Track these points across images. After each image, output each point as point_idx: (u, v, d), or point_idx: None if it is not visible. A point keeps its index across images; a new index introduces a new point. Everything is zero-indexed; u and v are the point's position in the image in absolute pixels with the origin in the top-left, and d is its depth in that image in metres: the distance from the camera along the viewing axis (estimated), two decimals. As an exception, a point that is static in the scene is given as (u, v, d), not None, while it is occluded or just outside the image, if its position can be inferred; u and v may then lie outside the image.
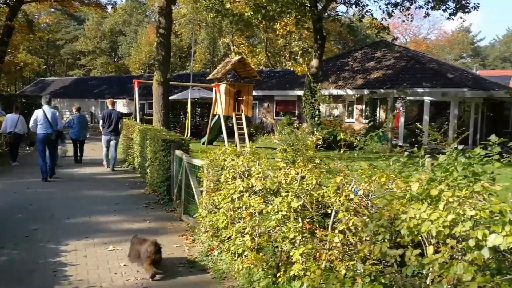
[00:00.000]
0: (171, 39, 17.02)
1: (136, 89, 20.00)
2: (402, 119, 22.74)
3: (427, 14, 21.96)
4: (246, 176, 5.38)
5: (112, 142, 13.70)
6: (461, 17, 20.75)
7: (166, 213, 8.61)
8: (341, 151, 4.76)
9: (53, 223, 7.67)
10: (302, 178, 4.19)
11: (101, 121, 13.95)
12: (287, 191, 4.15)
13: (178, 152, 8.53)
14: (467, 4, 20.08)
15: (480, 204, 2.74)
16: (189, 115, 23.31)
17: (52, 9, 51.01)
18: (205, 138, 20.72)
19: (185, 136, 20.90)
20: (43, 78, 53.88)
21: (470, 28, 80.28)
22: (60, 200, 9.38)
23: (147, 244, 5.49)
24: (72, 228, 7.37)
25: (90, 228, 7.40)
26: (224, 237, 5.56)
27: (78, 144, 14.97)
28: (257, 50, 43.59)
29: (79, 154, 14.96)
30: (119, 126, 13.91)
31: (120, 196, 10.02)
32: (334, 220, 3.80)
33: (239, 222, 5.35)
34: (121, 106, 39.17)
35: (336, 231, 3.61)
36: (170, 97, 20.13)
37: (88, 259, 5.96)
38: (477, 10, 20.48)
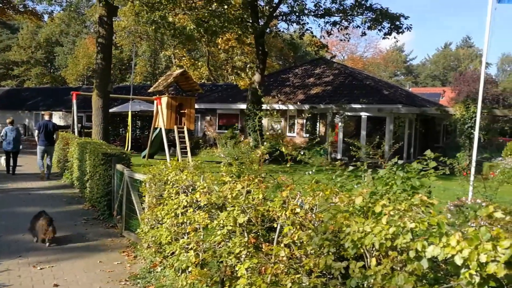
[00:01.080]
0: (111, 50, 16.69)
1: (74, 101, 19.36)
2: (340, 134, 23.40)
3: (364, 33, 22.84)
4: (190, 190, 5.33)
5: (48, 152, 14.14)
6: (395, 37, 21.75)
7: (106, 229, 8.34)
8: (288, 165, 4.84)
9: (-17, 242, 7.24)
10: (248, 192, 4.21)
11: (36, 131, 14.36)
12: (233, 206, 4.15)
13: (119, 166, 8.33)
14: (401, 25, 21.09)
15: (419, 216, 2.87)
16: (129, 128, 22.81)
17: (-17, 16, 48.46)
18: (145, 152, 20.36)
19: (125, 149, 20.45)
20: (-29, 89, 50.96)
21: (403, 47, 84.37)
22: (-9, 217, 8.87)
23: (41, 219, 7.07)
24: (4, 247, 6.98)
25: (24, 247, 7.03)
26: (168, 253, 5.47)
27: (11, 156, 14.63)
28: (199, 64, 43.49)
29: (11, 165, 14.55)
30: (55, 136, 14.47)
31: (56, 212, 9.58)
32: (280, 234, 3.84)
33: (183, 237, 5.29)
34: (57, 118, 37.72)
35: (282, 245, 3.65)
36: (110, 110, 19.65)
37: (22, 280, 5.66)
38: (409, 30, 21.55)
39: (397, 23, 20.95)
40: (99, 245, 7.33)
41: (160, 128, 18.90)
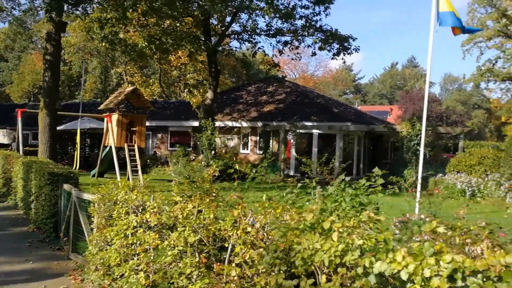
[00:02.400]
0: (59, 67, 16.28)
1: (19, 118, 18.68)
2: (293, 151, 23.68)
3: (314, 53, 23.39)
4: (140, 211, 5.23)
5: None
6: (342, 59, 22.33)
7: (52, 252, 8.03)
8: (236, 183, 4.84)
9: None
10: (199, 212, 4.17)
11: None
12: (184, 226, 4.10)
13: (66, 186, 8.07)
14: (349, 46, 21.72)
15: (367, 233, 2.94)
16: (78, 146, 22.20)
17: None
18: (95, 170, 19.82)
19: (73, 168, 19.84)
20: None
21: (352, 67, 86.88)
22: None
23: None
24: None
25: (-38, 273, 6.65)
26: (117, 275, 5.31)
27: None
28: (151, 81, 43.02)
29: None
30: None
31: (-2, 235, 9.17)
32: (231, 253, 3.82)
33: (133, 258, 5.16)
34: (0, 136, 36.15)
35: (233, 264, 3.63)
36: (58, 128, 19.06)
37: (-41, 308, 5.35)
38: (357, 52, 22.25)
39: (346, 44, 21.56)
40: (45, 268, 7.04)
41: (110, 146, 18.50)
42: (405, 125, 21.05)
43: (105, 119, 19.10)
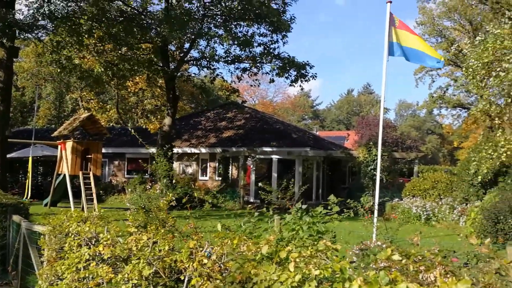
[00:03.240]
0: (11, 93, 15.82)
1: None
2: (253, 176, 23.67)
3: (272, 80, 23.69)
4: (93, 243, 5.04)
5: None
6: (300, 85, 22.70)
7: (-1, 288, 7.62)
8: (188, 213, 4.76)
9: None
10: (155, 243, 4.06)
11: None
12: (139, 258, 3.98)
13: (15, 217, 7.73)
14: (307, 74, 22.12)
15: (324, 263, 2.92)
16: (30, 174, 21.43)
17: None
18: (48, 199, 19.13)
19: (25, 197, 19.11)
20: None
21: (310, 93, 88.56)
22: None
23: None
24: None
25: None
26: (68, 311, 5.07)
27: None
28: (108, 106, 42.35)
29: None
30: None
31: None
32: (188, 286, 3.72)
33: (85, 293, 4.95)
34: None
35: (190, 297, 3.53)
36: (8, 155, 18.39)
37: None
38: (314, 79, 22.69)
39: (303, 71, 21.94)
40: (-10, 306, 6.66)
41: (64, 174, 17.95)
42: (361, 151, 21.49)
43: (59, 146, 18.58)
